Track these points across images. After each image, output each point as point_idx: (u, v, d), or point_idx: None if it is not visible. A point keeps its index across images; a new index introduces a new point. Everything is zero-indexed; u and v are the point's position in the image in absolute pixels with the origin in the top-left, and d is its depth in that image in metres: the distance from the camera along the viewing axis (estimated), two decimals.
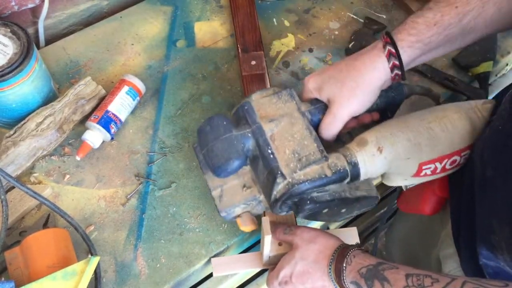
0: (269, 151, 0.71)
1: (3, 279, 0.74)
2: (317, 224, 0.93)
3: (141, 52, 1.03)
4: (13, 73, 0.80)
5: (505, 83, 1.08)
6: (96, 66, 1.00)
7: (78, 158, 0.87)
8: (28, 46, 0.82)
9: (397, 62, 0.71)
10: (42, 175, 0.87)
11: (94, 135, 0.87)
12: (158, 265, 0.80)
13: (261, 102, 0.77)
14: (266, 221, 0.74)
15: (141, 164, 0.89)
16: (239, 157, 0.72)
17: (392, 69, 0.72)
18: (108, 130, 0.88)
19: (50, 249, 0.73)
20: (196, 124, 0.93)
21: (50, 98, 0.91)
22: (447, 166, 0.75)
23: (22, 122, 0.86)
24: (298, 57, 1.04)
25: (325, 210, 0.73)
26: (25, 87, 0.84)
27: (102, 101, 0.91)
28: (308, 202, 0.70)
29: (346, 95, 0.73)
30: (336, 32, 1.08)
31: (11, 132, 0.85)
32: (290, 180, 0.69)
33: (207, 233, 0.83)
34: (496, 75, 1.07)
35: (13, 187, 0.82)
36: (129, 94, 0.91)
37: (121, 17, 1.08)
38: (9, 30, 0.83)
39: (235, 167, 0.73)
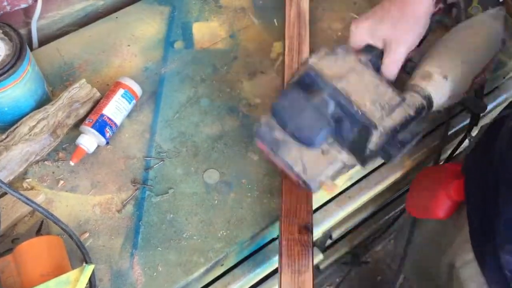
0: (354, 108, 0.74)
1: None
2: None
3: (137, 53, 1.04)
4: (5, 75, 0.81)
5: None
6: (91, 68, 1.01)
7: (72, 163, 0.88)
8: (20, 48, 0.83)
9: None
10: (35, 180, 0.88)
11: (89, 140, 0.88)
12: (155, 274, 0.81)
13: (321, 64, 0.79)
14: None
15: (137, 169, 0.90)
16: (327, 124, 0.75)
17: (436, 3, 0.78)
18: (103, 134, 0.89)
19: (44, 257, 0.73)
20: (195, 128, 0.94)
21: (43, 101, 0.92)
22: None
23: (15, 126, 0.87)
24: None
25: (404, 150, 0.79)
26: (18, 89, 0.85)
27: (97, 104, 0.92)
28: (399, 145, 0.76)
29: (402, 32, 0.78)
30: (339, 33, 1.09)
31: (3, 136, 0.86)
32: (382, 129, 0.73)
33: (205, 241, 0.84)
34: (504, 78, 1.08)
35: (5, 193, 0.83)
36: (124, 97, 0.92)
37: (117, 17, 1.09)
38: (1, 31, 0.84)
39: (326, 134, 0.76)
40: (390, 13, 0.79)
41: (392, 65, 0.80)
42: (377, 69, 0.80)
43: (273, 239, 0.92)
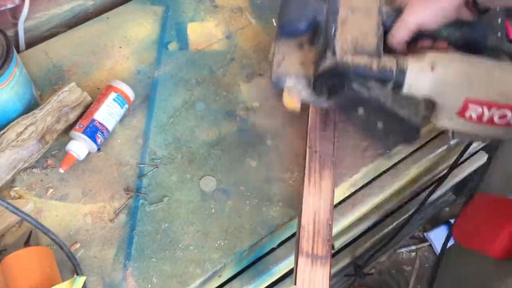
0: (333, 28, 0.82)
1: None
2: None
3: (129, 55, 1.04)
4: None
5: None
6: (81, 71, 1.01)
7: (61, 170, 0.88)
8: (7, 50, 0.83)
9: None
10: (23, 189, 0.88)
11: (79, 146, 0.88)
12: (149, 286, 0.81)
13: None
14: None
15: (130, 176, 0.90)
16: (306, 20, 0.84)
17: None
18: (94, 140, 0.89)
19: (33, 269, 0.73)
20: (190, 133, 0.94)
21: (31, 106, 0.92)
22: (495, 119, 0.76)
23: (1, 132, 0.87)
24: None
25: (361, 110, 0.83)
26: (5, 93, 0.85)
27: (87, 109, 0.92)
28: (346, 88, 0.80)
29: (418, 3, 0.81)
30: None
31: None
32: (338, 58, 0.79)
33: (202, 251, 0.84)
34: None
35: None
36: (116, 101, 0.92)
37: (108, 18, 1.09)
38: None
39: (299, 28, 0.86)
40: None
41: (396, 30, 0.82)
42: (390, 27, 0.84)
43: (273, 249, 0.93)
